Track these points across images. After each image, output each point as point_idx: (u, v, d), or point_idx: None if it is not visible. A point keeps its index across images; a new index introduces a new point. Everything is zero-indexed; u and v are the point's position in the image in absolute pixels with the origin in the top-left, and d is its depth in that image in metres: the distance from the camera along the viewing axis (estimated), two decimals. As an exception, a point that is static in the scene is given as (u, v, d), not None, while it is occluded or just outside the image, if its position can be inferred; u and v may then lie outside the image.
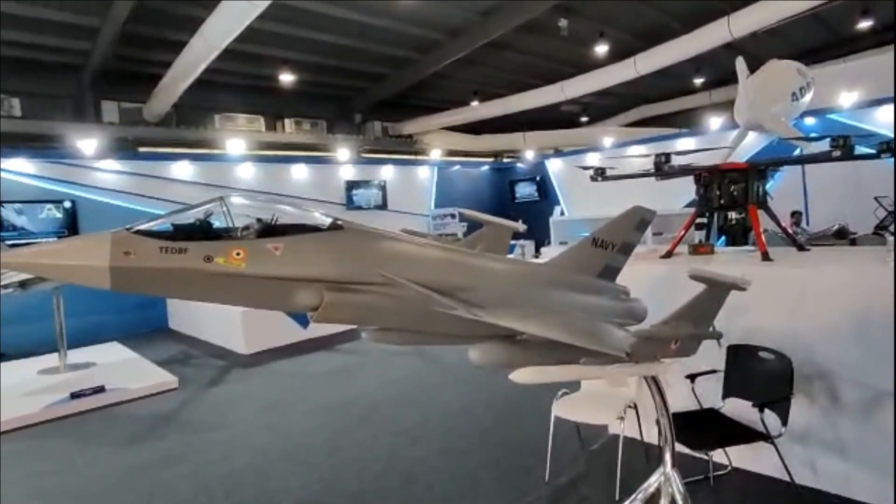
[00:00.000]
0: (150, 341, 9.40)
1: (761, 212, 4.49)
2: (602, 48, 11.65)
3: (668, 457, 2.95)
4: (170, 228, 2.10)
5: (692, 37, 10.15)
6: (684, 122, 16.39)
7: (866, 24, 11.88)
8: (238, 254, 2.05)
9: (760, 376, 3.46)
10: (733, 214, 6.79)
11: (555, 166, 15.90)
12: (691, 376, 3.54)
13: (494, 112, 14.17)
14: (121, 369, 7.42)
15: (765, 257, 4.04)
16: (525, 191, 16.56)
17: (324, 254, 2.23)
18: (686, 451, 3.17)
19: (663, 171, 4.78)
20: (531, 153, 16.39)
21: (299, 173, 13.23)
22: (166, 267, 1.96)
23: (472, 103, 14.68)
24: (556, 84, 12.74)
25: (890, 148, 3.91)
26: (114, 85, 11.34)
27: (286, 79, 11.88)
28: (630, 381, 3.72)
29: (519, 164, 17.15)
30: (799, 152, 6.74)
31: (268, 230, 2.19)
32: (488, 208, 12.67)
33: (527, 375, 2.34)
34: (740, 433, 3.33)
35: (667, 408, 2.90)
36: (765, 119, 5.25)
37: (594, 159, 13.37)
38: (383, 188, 14.45)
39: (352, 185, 13.91)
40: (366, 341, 2.73)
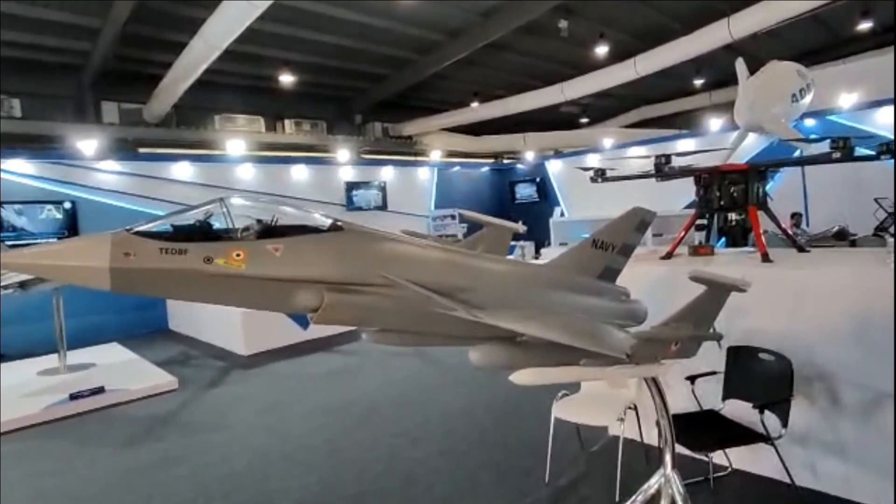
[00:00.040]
0: (149, 342, 9.39)
1: (761, 213, 4.49)
2: (602, 49, 11.67)
3: (668, 458, 2.94)
4: (170, 229, 2.10)
5: (692, 38, 10.17)
6: (684, 123, 16.41)
7: (866, 26, 11.90)
8: (238, 255, 2.05)
9: (760, 378, 3.46)
10: (733, 216, 6.76)
11: (555, 167, 15.91)
12: (691, 378, 3.54)
13: (494, 113, 14.19)
14: (120, 370, 7.41)
15: (765, 259, 4.03)
16: (525, 192, 16.56)
17: (324, 255, 2.23)
18: (686, 453, 3.17)
19: (663, 172, 4.78)
20: (531, 154, 16.40)
21: (299, 174, 13.23)
22: (166, 268, 1.96)
23: (472, 104, 14.69)
24: (556, 85, 12.76)
25: (890, 149, 3.90)
26: (114, 86, 11.35)
27: (286, 79, 11.90)
28: (630, 382, 3.72)
29: (519, 166, 17.16)
30: (799, 154, 6.74)
31: (268, 231, 2.19)
32: (488, 209, 12.69)
33: (527, 377, 2.34)
34: (740, 435, 3.33)
35: (667, 409, 2.90)
36: (765, 120, 5.24)
37: (594, 160, 13.39)
38: (383, 189, 14.45)
39: (352, 185, 13.91)
40: (366, 342, 2.73)
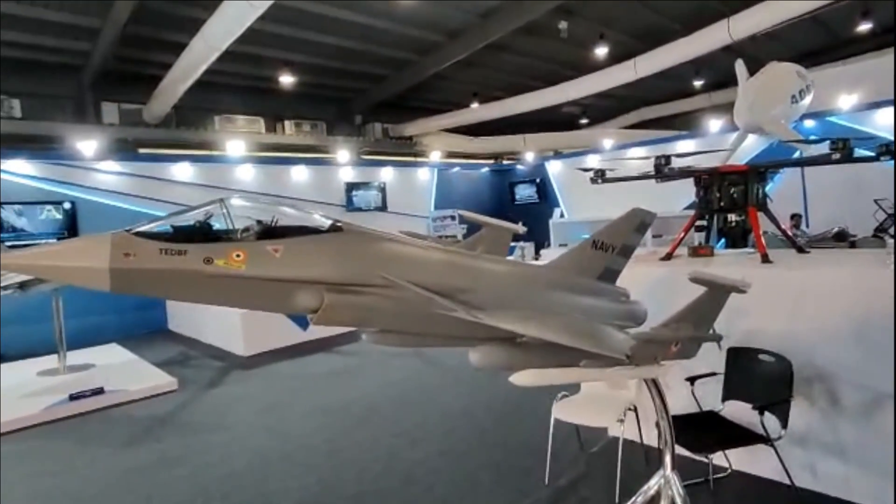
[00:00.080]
0: (149, 343, 9.39)
1: (761, 214, 4.49)
2: (602, 50, 11.68)
3: (668, 459, 2.94)
4: (170, 230, 2.10)
5: (692, 39, 10.18)
6: (684, 124, 16.43)
7: (866, 27, 11.91)
8: (238, 255, 2.05)
9: (760, 379, 3.46)
10: (733, 217, 6.78)
11: (554, 168, 15.91)
12: (691, 379, 3.54)
13: (494, 114, 14.20)
14: (120, 371, 7.41)
15: (764, 259, 4.04)
16: (525, 193, 16.56)
17: (324, 255, 2.23)
18: (686, 454, 3.17)
19: (663, 173, 4.78)
20: (531, 155, 16.41)
21: (299, 175, 13.23)
22: (166, 268, 1.96)
23: (471, 105, 14.70)
24: (556, 86, 12.77)
25: (889, 150, 3.90)
26: (114, 86, 11.36)
27: (286, 80, 11.90)
28: (630, 383, 3.72)
29: (519, 166, 17.16)
30: (798, 155, 6.75)
31: (268, 232, 2.19)
32: (488, 210, 12.70)
33: (527, 378, 2.33)
34: (740, 436, 3.33)
35: (667, 410, 2.90)
36: (764, 121, 5.25)
37: (594, 161, 13.39)
38: (383, 190, 14.45)
39: (351, 186, 13.91)
40: (365, 343, 2.73)
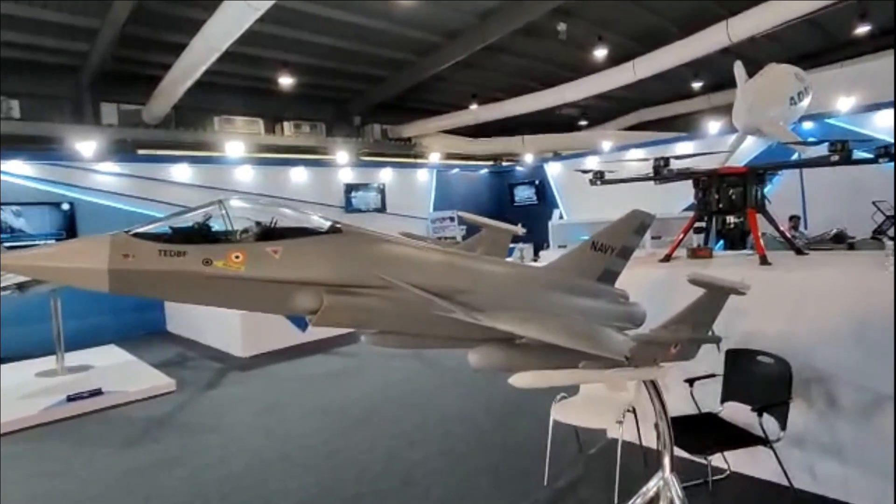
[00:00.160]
0: (147, 344, 9.37)
1: (760, 216, 4.50)
2: (601, 52, 11.69)
3: (667, 461, 2.94)
4: (169, 231, 2.10)
5: (691, 41, 10.19)
6: (683, 125, 16.44)
7: (864, 29, 11.92)
8: (237, 257, 2.04)
9: (759, 380, 3.46)
10: (732, 218, 6.78)
11: (553, 170, 15.92)
12: (690, 380, 3.54)
13: (493, 115, 14.21)
14: (118, 372, 7.40)
15: (763, 261, 4.04)
16: (524, 194, 16.57)
17: (323, 257, 2.23)
18: (685, 456, 3.17)
19: (662, 174, 4.79)
20: (530, 156, 16.42)
21: (298, 176, 13.23)
22: (165, 270, 1.96)
23: (470, 106, 14.71)
24: (555, 87, 12.77)
25: (888, 153, 3.91)
26: (113, 87, 11.36)
27: (285, 81, 11.90)
28: (629, 384, 3.71)
29: (518, 168, 17.17)
30: (797, 157, 6.76)
31: (267, 233, 2.19)
32: (487, 211, 12.69)
33: (526, 380, 2.33)
34: (739, 437, 3.34)
35: (665, 412, 2.90)
36: (763, 123, 5.26)
37: (593, 163, 13.39)
38: (382, 191, 14.45)
39: (351, 187, 13.91)
40: (364, 344, 2.73)
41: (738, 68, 5.45)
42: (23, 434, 5.52)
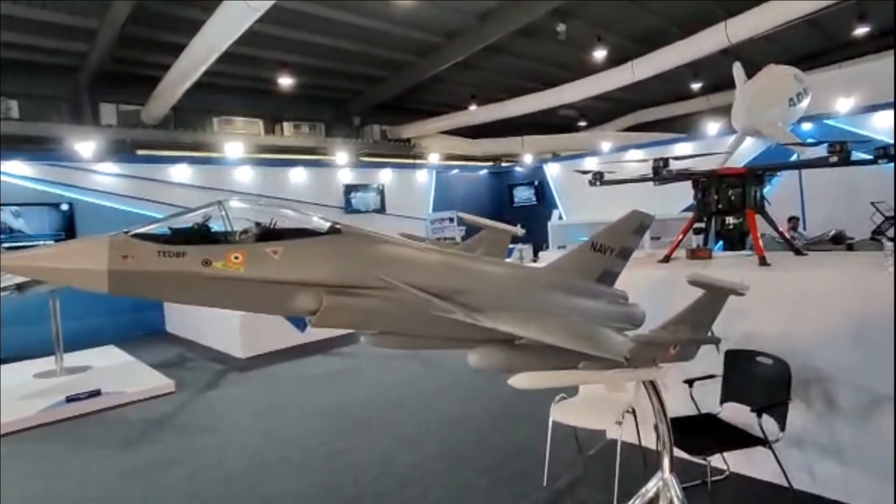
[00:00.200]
0: (146, 345, 9.36)
1: (759, 217, 4.50)
2: (600, 53, 11.71)
3: (666, 462, 2.94)
4: (168, 232, 2.10)
5: (690, 42, 10.21)
6: (682, 126, 16.47)
7: (863, 30, 11.96)
8: (236, 257, 2.05)
9: (758, 381, 3.46)
10: (731, 219, 6.79)
11: (553, 170, 15.93)
12: (689, 381, 3.54)
13: (492, 116, 14.23)
14: (117, 373, 7.39)
15: (762, 262, 4.04)
16: (523, 195, 16.58)
17: (322, 258, 2.23)
18: (684, 456, 3.17)
19: (661, 175, 4.79)
20: (529, 157, 16.43)
21: (298, 177, 13.22)
22: (164, 270, 1.96)
23: (469, 107, 14.72)
24: (554, 88, 12.79)
25: (888, 153, 3.92)
26: (112, 87, 11.36)
27: (285, 82, 11.92)
28: (628, 385, 3.71)
29: (517, 169, 17.18)
30: (796, 157, 6.77)
31: (266, 234, 2.19)
32: (487, 212, 12.72)
33: (526, 381, 2.33)
34: (738, 438, 3.34)
35: (665, 412, 2.90)
36: (762, 124, 5.27)
37: (592, 164, 13.38)
38: (381, 192, 14.44)
39: (350, 188, 13.91)
40: (364, 345, 2.72)
41: (738, 69, 5.46)
42: (22, 435, 5.51)
